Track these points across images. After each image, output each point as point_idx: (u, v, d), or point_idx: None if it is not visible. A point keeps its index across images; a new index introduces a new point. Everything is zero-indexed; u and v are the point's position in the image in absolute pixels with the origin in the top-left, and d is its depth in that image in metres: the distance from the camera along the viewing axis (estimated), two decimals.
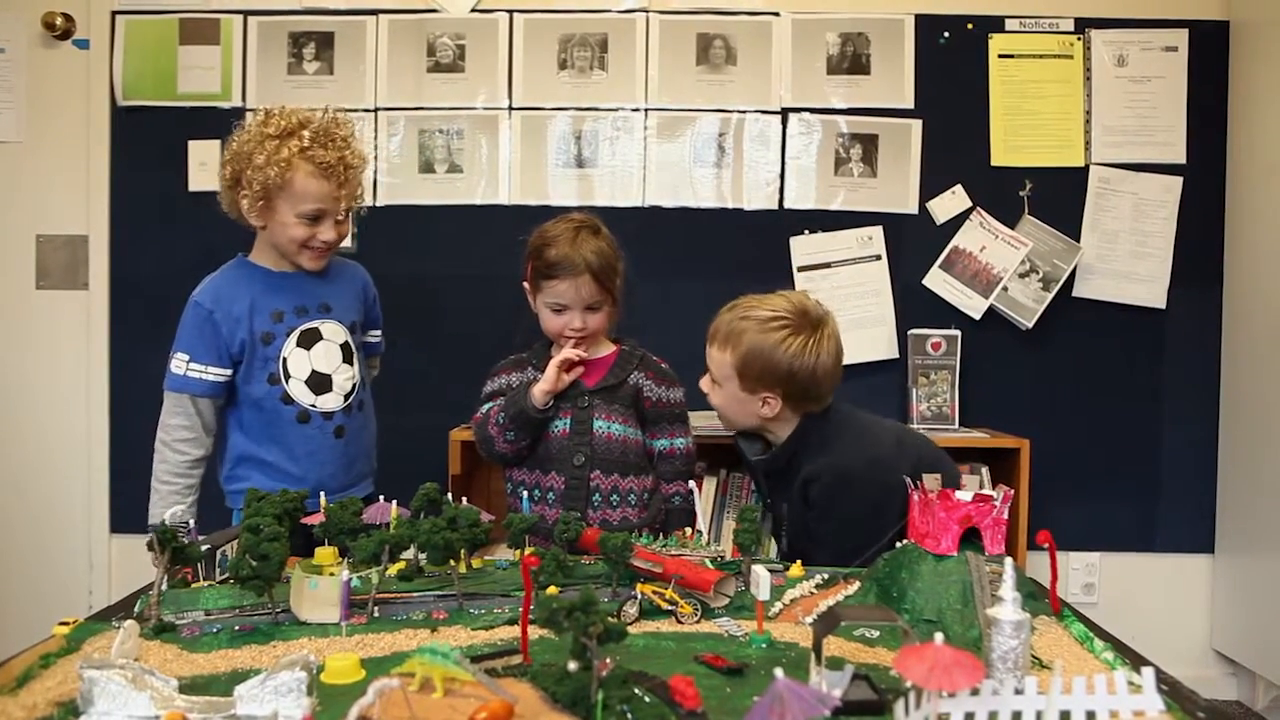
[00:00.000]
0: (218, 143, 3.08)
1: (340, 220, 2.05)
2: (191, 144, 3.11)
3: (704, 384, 2.01)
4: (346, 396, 2.08)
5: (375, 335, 2.31)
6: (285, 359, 2.02)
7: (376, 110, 3.11)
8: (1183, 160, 3.08)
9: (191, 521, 1.86)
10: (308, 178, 1.97)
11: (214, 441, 2.06)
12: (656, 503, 2.01)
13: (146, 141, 3.13)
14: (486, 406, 2.02)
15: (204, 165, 3.11)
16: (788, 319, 1.93)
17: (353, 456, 2.12)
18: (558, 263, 1.92)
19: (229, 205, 2.05)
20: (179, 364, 2.00)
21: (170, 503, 1.98)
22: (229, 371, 2.02)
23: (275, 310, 2.03)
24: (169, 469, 2.01)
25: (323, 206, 1.99)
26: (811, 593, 1.54)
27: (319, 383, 2.05)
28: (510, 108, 3.13)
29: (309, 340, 2.05)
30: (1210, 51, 3.07)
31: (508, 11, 3.11)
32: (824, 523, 1.91)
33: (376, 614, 1.41)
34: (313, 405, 2.04)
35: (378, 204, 3.08)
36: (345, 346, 2.09)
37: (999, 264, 3.07)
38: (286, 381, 2.02)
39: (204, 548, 1.50)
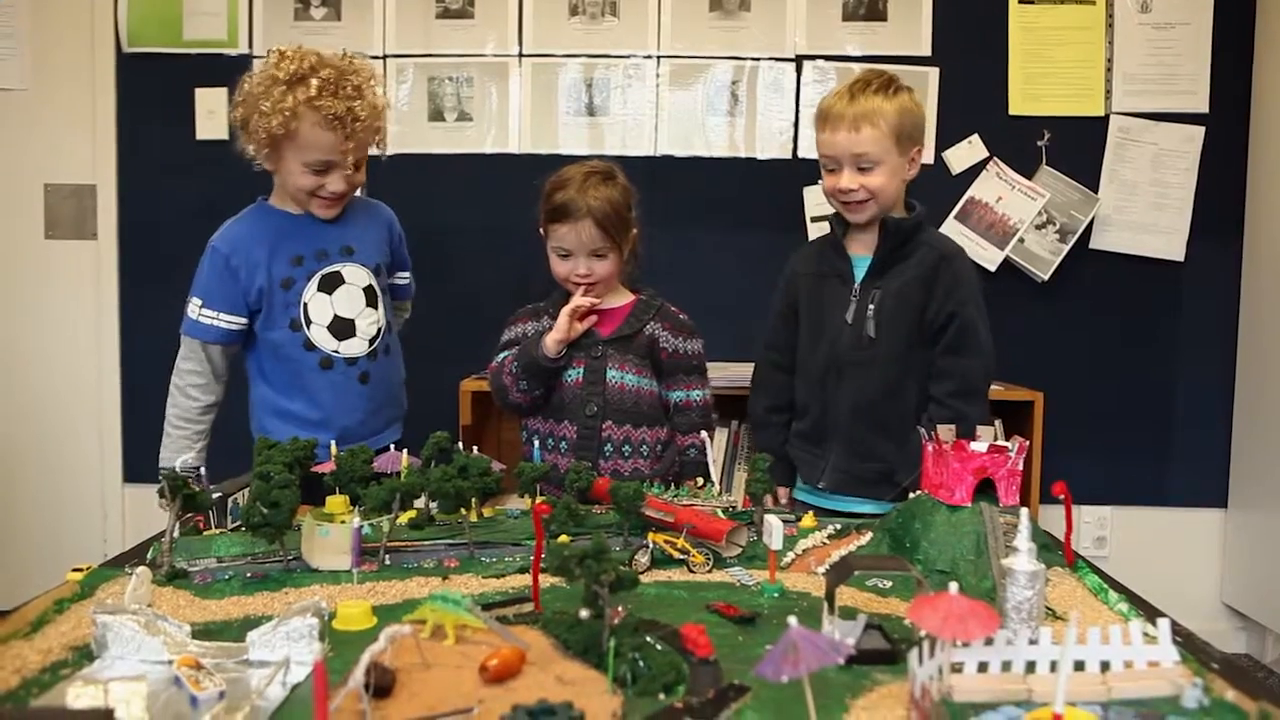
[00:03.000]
0: (224, 90, 3.08)
1: (353, 170, 1.99)
2: (198, 91, 3.09)
3: (846, 180, 1.93)
4: (371, 341, 2.04)
5: (404, 277, 2.26)
6: (306, 304, 1.99)
7: (385, 57, 3.07)
8: (1205, 109, 3.02)
9: (202, 468, 1.87)
10: (313, 128, 1.89)
11: (227, 386, 2.04)
12: (670, 455, 2.01)
13: (152, 89, 3.10)
14: (501, 355, 2.01)
15: (211, 113, 3.08)
16: (893, 77, 1.98)
17: (379, 402, 2.09)
18: (562, 206, 1.91)
19: (243, 147, 2.00)
20: (193, 309, 1.98)
21: (180, 447, 1.97)
22: (244, 319, 1.99)
23: (295, 255, 1.99)
24: (180, 413, 2.00)
25: (329, 158, 1.93)
26: (824, 543, 1.54)
27: (341, 328, 2.01)
28: (520, 55, 3.08)
29: (330, 285, 2.00)
30: None
31: None
32: (971, 300, 1.95)
33: (388, 562, 1.41)
34: (335, 351, 2.01)
35: (386, 152, 3.05)
36: (369, 290, 2.04)
37: (1015, 215, 3.03)
38: (308, 327, 1.99)
39: (215, 496, 1.50)
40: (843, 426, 1.97)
